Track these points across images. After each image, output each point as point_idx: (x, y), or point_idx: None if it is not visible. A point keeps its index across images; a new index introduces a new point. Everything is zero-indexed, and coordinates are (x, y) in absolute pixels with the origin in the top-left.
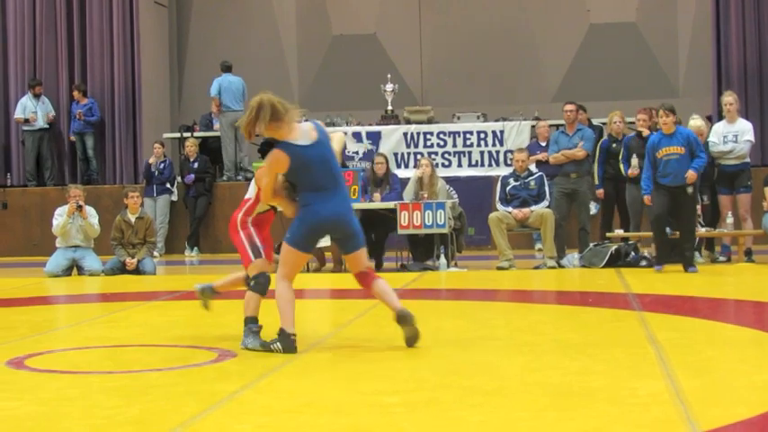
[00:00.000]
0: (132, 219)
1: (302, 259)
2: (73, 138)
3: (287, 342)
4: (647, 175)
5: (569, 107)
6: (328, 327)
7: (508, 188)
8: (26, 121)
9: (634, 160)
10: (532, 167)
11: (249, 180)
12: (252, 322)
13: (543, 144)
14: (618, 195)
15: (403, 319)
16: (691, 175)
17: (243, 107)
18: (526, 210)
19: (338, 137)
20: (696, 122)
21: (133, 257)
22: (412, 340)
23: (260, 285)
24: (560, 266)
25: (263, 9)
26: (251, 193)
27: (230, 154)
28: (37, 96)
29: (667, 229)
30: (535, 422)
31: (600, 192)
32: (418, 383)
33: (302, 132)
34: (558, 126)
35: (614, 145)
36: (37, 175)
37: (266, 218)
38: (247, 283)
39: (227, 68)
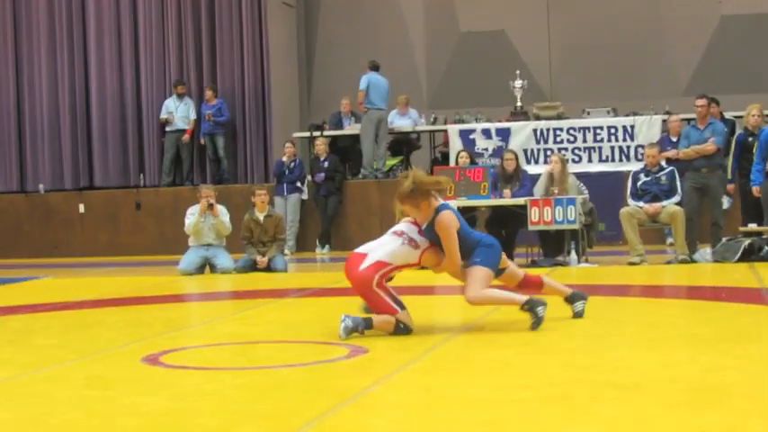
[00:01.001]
0: (261, 217)
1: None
2: (203, 140)
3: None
4: (757, 167)
5: (701, 101)
6: (459, 322)
7: (639, 183)
8: (166, 121)
9: None
10: (663, 162)
11: (382, 177)
12: (367, 327)
13: (674, 139)
14: None
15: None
16: None
17: (386, 107)
18: (657, 205)
19: None
20: None
21: (264, 255)
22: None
23: (399, 332)
24: (692, 261)
25: (391, 7)
26: (390, 259)
27: (368, 151)
28: (180, 97)
29: None
30: (670, 418)
31: (731, 186)
32: (551, 379)
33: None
34: (689, 120)
35: (750, 139)
36: (174, 177)
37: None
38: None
39: (375, 67)
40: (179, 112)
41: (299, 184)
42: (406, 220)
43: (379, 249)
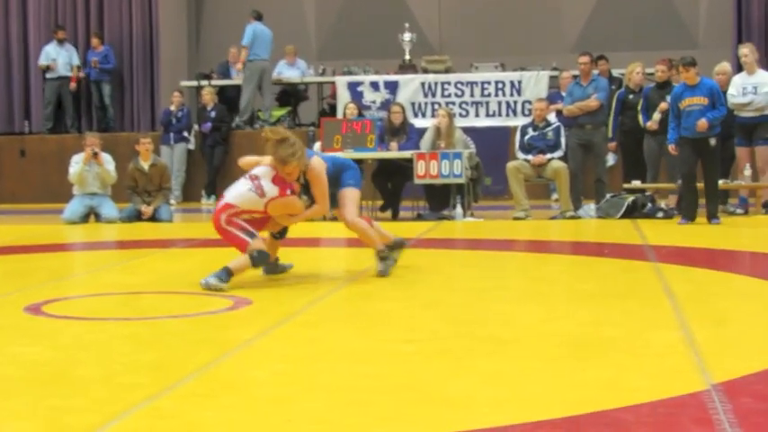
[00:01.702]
0: (145, 166)
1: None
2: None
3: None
4: (672, 126)
5: (584, 58)
6: (343, 275)
7: (526, 138)
8: (47, 68)
9: (656, 115)
10: (551, 117)
11: (262, 126)
12: (229, 275)
13: (564, 94)
14: (637, 147)
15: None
16: (701, 123)
17: (269, 57)
18: (542, 157)
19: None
20: (725, 67)
21: (149, 205)
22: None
23: (256, 260)
24: (577, 217)
25: None
26: (239, 202)
27: (250, 101)
28: (60, 43)
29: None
30: (550, 372)
31: (612, 145)
32: (433, 332)
33: None
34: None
35: (631, 96)
36: (55, 123)
37: (259, 222)
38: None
39: (259, 17)
40: (60, 58)
41: (185, 133)
42: (267, 163)
43: (230, 191)
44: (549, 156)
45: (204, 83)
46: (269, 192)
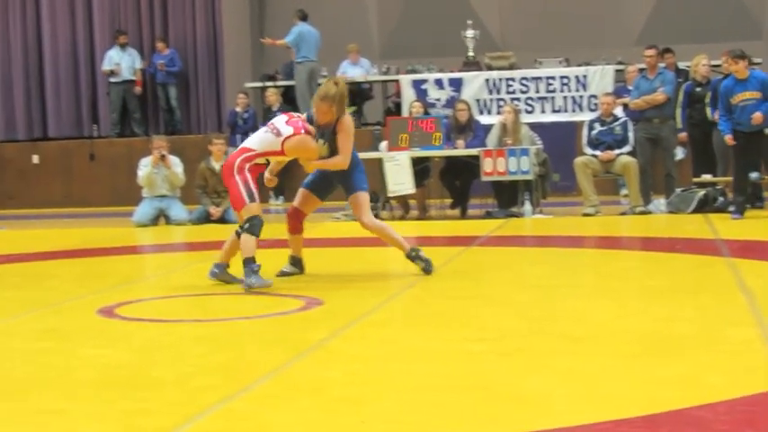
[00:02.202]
0: (216, 166)
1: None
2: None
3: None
4: (723, 119)
5: (650, 52)
6: (414, 274)
7: (594, 132)
8: (111, 72)
9: None
10: (618, 112)
11: None
12: (252, 262)
13: (631, 88)
14: (706, 140)
15: None
16: (757, 116)
17: (317, 58)
18: (611, 152)
19: None
20: None
21: (218, 206)
22: None
23: (255, 227)
24: (647, 212)
25: None
26: (256, 146)
27: (308, 104)
28: (123, 47)
29: (755, 175)
30: (625, 369)
31: (683, 136)
32: (506, 331)
33: None
34: (643, 70)
35: (698, 89)
36: (122, 127)
37: (261, 169)
38: (241, 226)
39: (304, 17)
40: (124, 62)
41: (252, 134)
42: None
43: (246, 140)
44: (617, 151)
45: (269, 84)
46: (284, 131)
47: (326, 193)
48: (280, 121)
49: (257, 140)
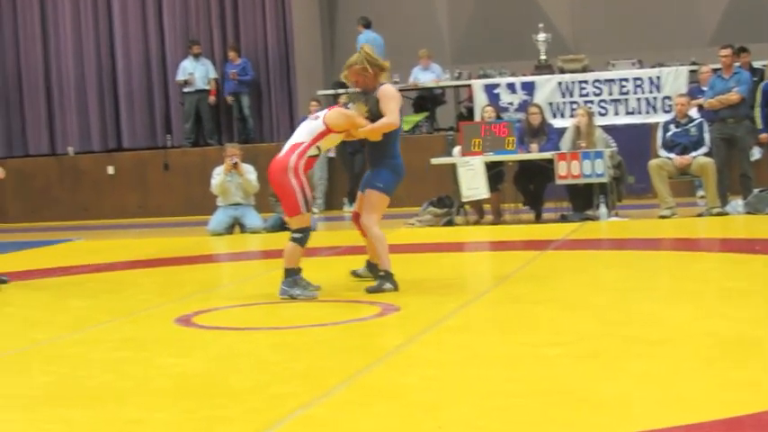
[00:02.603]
0: None
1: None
2: (229, 100)
3: (393, 281)
4: (763, 114)
5: (725, 51)
6: (490, 279)
7: (669, 134)
8: (185, 82)
9: None
10: (693, 113)
11: (407, 134)
12: (296, 273)
13: (705, 89)
14: None
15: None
16: None
17: None
18: (687, 157)
19: None
20: None
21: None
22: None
23: (305, 240)
24: (724, 213)
25: None
26: (304, 137)
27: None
28: (196, 57)
29: None
30: (703, 372)
31: (764, 136)
32: (581, 335)
33: None
34: (717, 71)
35: None
36: (196, 137)
37: (312, 162)
38: (293, 234)
39: (368, 24)
40: (197, 72)
41: None
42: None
43: (293, 136)
44: (693, 154)
45: (341, 90)
46: (322, 113)
47: None
48: (321, 112)
49: (303, 132)
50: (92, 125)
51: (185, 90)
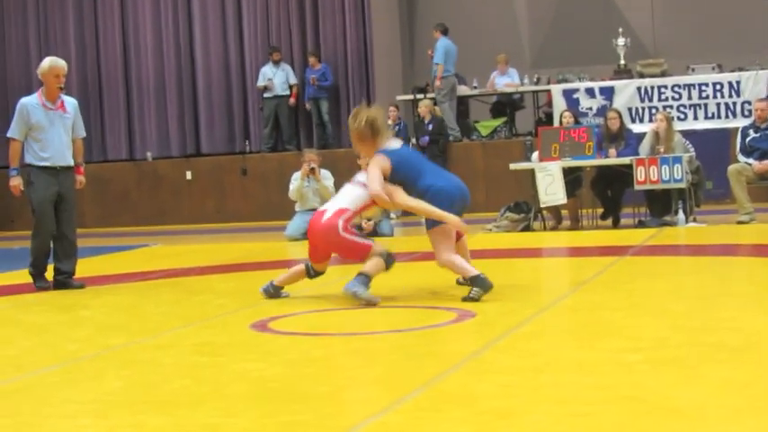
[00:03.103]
0: None
1: (452, 230)
2: (308, 105)
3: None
4: None
5: None
6: (567, 285)
7: (748, 139)
8: (265, 88)
9: None
10: None
11: (486, 140)
12: (368, 279)
13: None
14: None
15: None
16: None
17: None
18: (766, 162)
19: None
20: None
21: (370, 219)
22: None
23: (390, 264)
24: None
25: None
26: (350, 204)
27: (450, 118)
28: (276, 63)
29: None
30: None
31: None
32: (661, 341)
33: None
34: None
35: None
36: (274, 142)
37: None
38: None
39: (445, 31)
40: (277, 78)
41: None
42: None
43: (338, 200)
44: None
45: (420, 96)
46: (363, 177)
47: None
48: (361, 176)
49: (349, 199)
50: (171, 130)
51: (265, 96)
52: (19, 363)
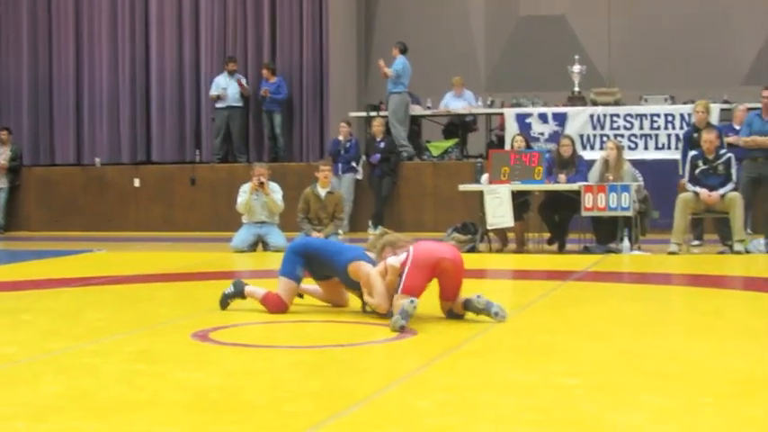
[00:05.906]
0: (322, 193)
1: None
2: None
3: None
4: None
5: (766, 92)
6: (509, 307)
7: (697, 171)
8: (218, 98)
9: None
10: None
11: (437, 160)
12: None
13: (738, 127)
14: None
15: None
16: None
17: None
18: (715, 194)
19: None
20: None
21: (319, 233)
22: None
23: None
24: (746, 252)
25: None
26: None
27: (399, 134)
28: (231, 74)
29: None
30: (719, 408)
31: None
32: (598, 366)
33: None
34: (753, 110)
35: None
36: (224, 153)
37: None
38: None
39: (404, 50)
40: (230, 89)
41: (354, 163)
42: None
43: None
44: (721, 191)
45: (373, 113)
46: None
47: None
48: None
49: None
50: (122, 137)
51: (217, 106)
52: None
